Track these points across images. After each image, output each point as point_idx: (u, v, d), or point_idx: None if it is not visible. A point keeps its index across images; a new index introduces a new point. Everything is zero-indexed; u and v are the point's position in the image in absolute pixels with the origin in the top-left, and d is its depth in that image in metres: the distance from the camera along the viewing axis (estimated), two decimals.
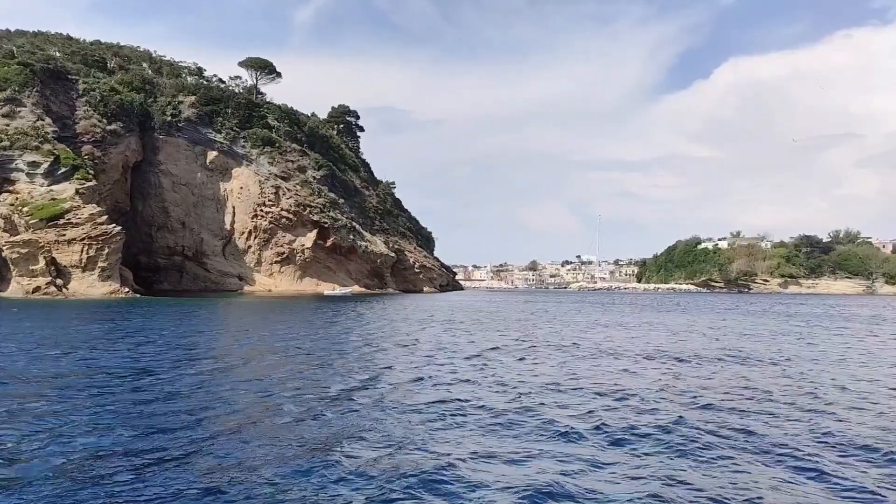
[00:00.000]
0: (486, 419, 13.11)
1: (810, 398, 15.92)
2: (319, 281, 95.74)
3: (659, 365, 21.59)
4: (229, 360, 21.03)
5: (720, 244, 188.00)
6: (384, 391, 16.07)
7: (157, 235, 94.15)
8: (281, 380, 17.36)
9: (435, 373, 19.04)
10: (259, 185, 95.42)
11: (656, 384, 17.64)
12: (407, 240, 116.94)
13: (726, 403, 15.00)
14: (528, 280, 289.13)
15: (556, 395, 15.93)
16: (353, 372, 19.08)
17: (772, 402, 15.25)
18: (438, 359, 22.37)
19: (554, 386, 17.08)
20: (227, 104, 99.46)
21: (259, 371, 18.93)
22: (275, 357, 22.12)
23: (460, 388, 16.71)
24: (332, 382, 17.16)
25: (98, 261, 61.98)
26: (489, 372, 19.47)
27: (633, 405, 14.70)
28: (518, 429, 12.38)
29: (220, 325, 36.32)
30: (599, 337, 31.85)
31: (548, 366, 21.09)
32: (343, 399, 14.96)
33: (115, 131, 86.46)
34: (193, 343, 26.03)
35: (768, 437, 11.96)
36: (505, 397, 15.49)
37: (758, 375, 19.62)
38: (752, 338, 32.61)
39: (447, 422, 12.88)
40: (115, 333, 29.46)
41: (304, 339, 28.31)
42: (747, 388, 17.14)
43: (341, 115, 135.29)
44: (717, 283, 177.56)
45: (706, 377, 19.14)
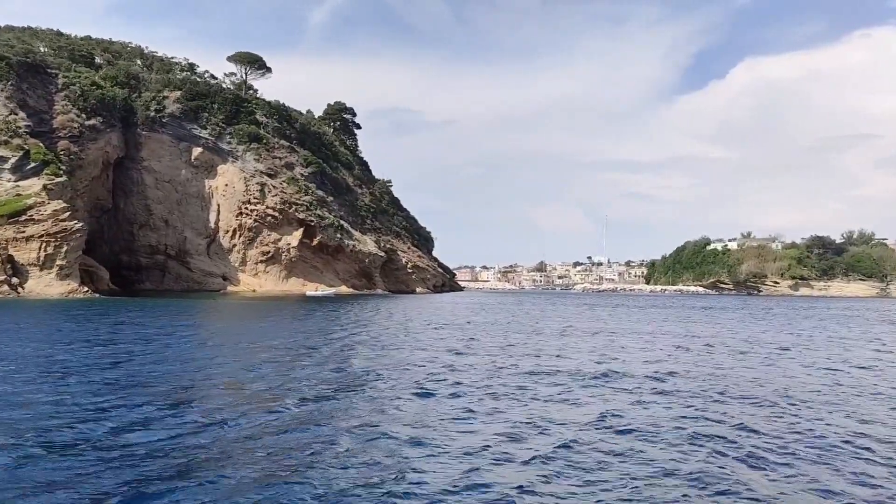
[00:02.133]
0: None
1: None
2: (306, 281, 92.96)
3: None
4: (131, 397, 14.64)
5: (730, 245, 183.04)
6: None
7: (139, 234, 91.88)
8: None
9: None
10: (244, 182, 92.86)
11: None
12: (401, 239, 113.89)
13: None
14: (536, 281, 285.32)
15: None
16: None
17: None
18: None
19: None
20: (213, 99, 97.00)
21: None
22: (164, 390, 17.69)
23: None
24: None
25: (56, 259, 59.43)
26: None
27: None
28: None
29: (166, 336, 29.08)
30: (551, 347, 28.37)
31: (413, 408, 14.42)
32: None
33: (94, 126, 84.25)
34: (102, 361, 20.85)
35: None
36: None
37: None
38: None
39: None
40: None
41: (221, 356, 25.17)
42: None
43: (337, 112, 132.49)
44: (726, 285, 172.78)
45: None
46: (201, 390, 16.04)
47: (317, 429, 12.17)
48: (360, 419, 12.99)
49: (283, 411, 13.56)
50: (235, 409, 13.67)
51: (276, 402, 14.40)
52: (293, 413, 13.45)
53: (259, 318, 42.57)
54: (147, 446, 10.63)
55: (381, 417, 13.23)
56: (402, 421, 12.97)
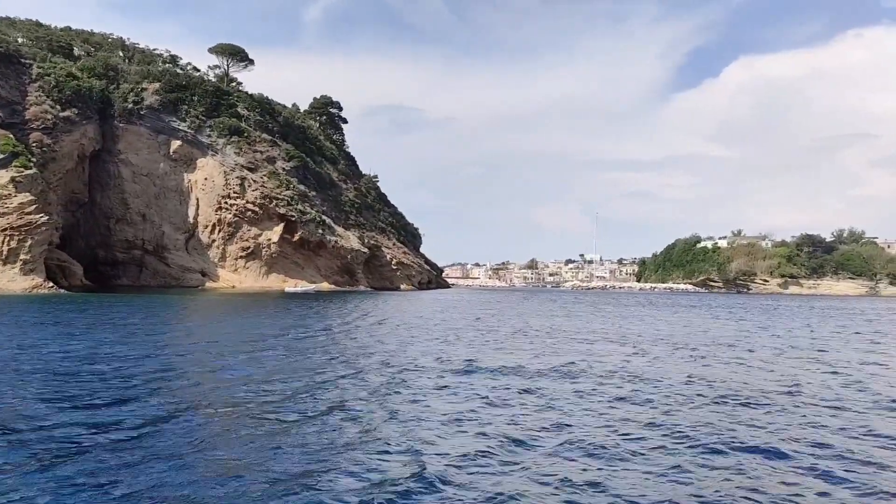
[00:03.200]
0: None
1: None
2: (286, 277, 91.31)
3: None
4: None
5: (720, 243, 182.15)
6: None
7: (115, 228, 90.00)
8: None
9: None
10: (224, 176, 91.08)
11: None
12: (386, 235, 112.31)
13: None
14: (527, 279, 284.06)
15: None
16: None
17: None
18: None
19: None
20: (193, 91, 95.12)
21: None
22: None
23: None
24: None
25: (20, 253, 57.65)
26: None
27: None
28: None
29: (107, 341, 24.45)
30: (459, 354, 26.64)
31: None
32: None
33: (68, 118, 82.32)
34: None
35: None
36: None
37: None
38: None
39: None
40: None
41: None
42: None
43: (323, 105, 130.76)
44: (716, 283, 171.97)
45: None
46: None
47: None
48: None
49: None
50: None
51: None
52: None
53: (221, 316, 41.05)
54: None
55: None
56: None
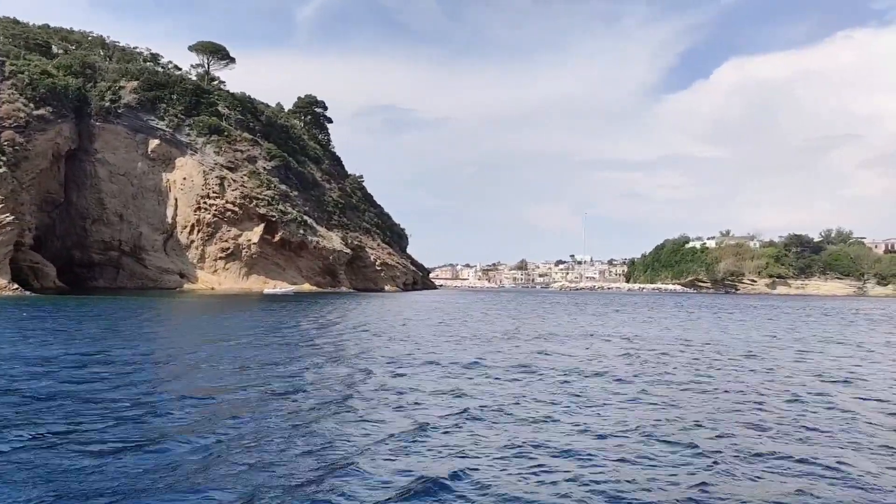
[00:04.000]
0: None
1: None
2: (267, 278, 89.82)
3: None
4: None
5: (708, 243, 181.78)
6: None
7: (91, 229, 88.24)
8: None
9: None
10: (203, 175, 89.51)
11: None
12: (370, 236, 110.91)
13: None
14: (517, 280, 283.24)
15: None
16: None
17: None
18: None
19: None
20: (172, 90, 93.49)
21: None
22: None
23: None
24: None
25: None
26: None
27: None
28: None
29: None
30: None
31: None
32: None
33: (42, 116, 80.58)
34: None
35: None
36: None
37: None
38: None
39: None
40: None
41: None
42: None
43: (308, 105, 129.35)
44: (704, 284, 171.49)
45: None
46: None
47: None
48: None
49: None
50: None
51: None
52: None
53: (178, 324, 39.62)
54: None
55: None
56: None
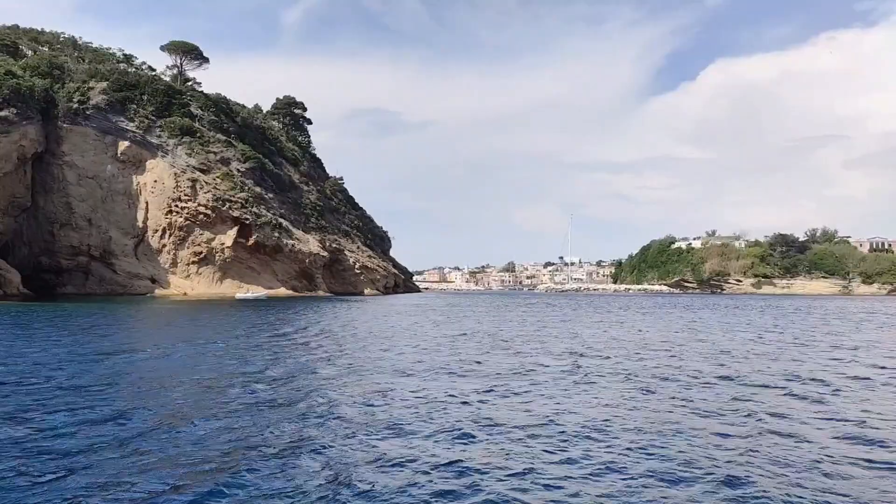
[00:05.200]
0: None
1: None
2: (242, 283, 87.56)
3: None
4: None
5: (694, 244, 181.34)
6: None
7: (59, 234, 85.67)
8: None
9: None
10: (175, 178, 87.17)
11: None
12: (350, 238, 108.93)
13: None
14: (505, 282, 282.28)
15: None
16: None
17: None
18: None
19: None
20: (143, 90, 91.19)
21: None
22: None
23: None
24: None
25: None
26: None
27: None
28: None
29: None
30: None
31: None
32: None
33: (6, 118, 78.00)
34: None
35: None
36: None
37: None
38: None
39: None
40: None
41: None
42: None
43: (286, 106, 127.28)
44: (690, 284, 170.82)
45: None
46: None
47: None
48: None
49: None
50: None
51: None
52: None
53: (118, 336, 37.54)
54: None
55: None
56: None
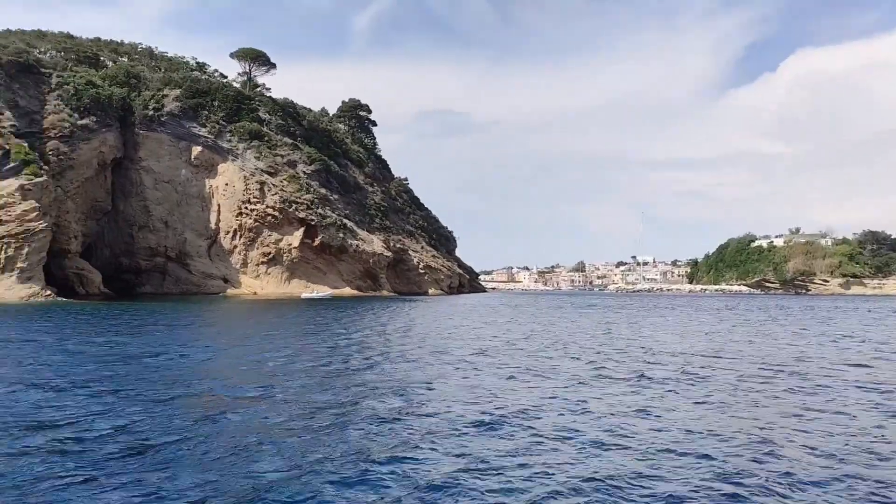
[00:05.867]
0: None
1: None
2: (308, 283, 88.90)
3: None
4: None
5: (776, 242, 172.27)
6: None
7: (138, 236, 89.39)
8: None
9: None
10: (244, 181, 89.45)
11: None
12: (414, 238, 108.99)
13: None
14: (574, 282, 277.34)
15: None
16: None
17: None
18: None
19: None
20: (213, 97, 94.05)
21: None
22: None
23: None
24: None
25: (17, 261, 56.59)
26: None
27: None
28: None
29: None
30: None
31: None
32: None
33: (87, 126, 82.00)
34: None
35: None
36: None
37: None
38: None
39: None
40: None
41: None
42: None
43: (352, 109, 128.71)
44: (772, 284, 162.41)
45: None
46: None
47: None
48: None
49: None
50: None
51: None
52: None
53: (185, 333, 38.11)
54: None
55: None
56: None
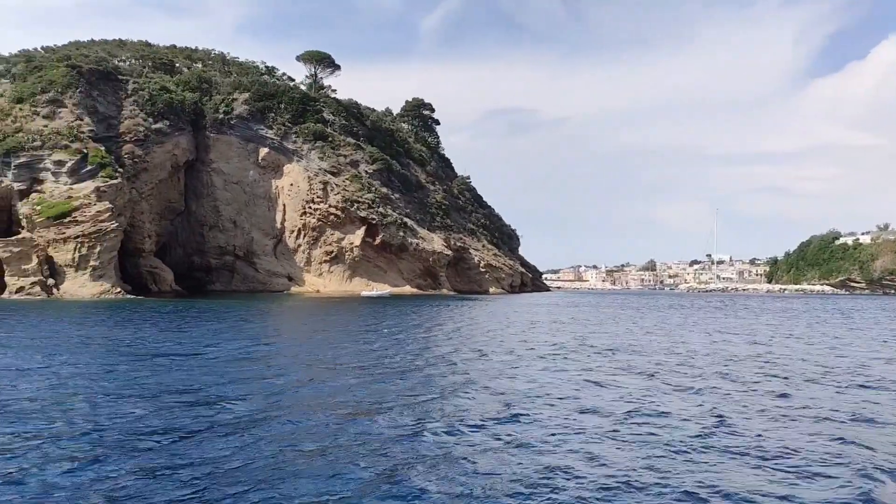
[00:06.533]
0: None
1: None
2: (369, 281, 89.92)
3: None
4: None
5: (862, 239, 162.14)
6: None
7: (209, 235, 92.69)
8: None
9: None
10: (308, 181, 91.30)
11: None
12: (476, 237, 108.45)
13: None
14: (644, 281, 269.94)
15: None
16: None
17: None
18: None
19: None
20: (280, 99, 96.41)
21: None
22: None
23: None
24: None
25: (90, 259, 59.50)
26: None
27: None
28: None
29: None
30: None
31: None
32: None
33: (160, 130, 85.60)
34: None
35: None
36: None
37: None
38: None
39: None
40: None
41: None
42: None
43: (415, 108, 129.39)
44: (858, 284, 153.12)
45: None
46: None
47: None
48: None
49: None
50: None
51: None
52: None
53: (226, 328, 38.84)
54: None
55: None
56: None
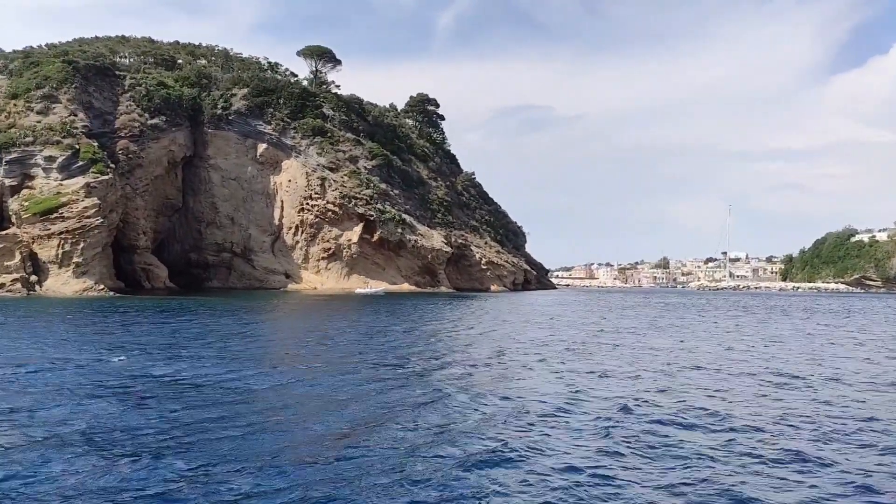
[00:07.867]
0: None
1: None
2: (367, 278, 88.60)
3: None
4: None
5: (878, 236, 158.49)
6: None
7: (206, 232, 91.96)
8: None
9: None
10: (306, 177, 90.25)
11: None
12: (478, 234, 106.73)
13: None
14: (657, 279, 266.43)
15: None
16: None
17: None
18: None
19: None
20: (279, 94, 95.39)
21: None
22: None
23: None
24: None
25: (73, 256, 58.75)
26: None
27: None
28: None
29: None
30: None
31: None
32: None
33: (156, 126, 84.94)
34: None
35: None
36: None
37: None
38: None
39: None
40: None
41: None
42: None
43: (420, 103, 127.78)
44: (873, 282, 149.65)
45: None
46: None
47: None
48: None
49: None
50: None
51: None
52: None
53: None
54: None
55: None
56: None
